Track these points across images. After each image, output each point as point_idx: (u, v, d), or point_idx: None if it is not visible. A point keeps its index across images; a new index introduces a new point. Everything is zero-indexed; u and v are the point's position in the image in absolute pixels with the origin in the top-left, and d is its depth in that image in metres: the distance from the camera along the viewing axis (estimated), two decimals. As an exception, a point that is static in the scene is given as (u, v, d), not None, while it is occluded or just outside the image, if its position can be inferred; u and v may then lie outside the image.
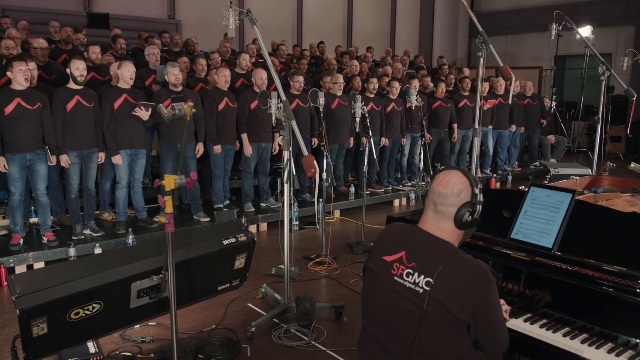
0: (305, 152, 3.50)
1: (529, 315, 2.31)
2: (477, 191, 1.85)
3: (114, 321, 2.96)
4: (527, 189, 2.65)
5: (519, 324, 2.26)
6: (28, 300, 2.51)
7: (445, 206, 1.85)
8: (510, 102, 7.86)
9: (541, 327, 2.22)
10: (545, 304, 2.30)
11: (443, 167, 8.48)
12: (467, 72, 9.99)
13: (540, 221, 2.45)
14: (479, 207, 1.85)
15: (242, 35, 11.89)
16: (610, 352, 2.02)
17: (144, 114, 5.24)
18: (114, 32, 8.06)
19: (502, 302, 2.20)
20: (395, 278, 1.87)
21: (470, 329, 1.79)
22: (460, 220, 1.83)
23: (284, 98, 3.70)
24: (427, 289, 1.78)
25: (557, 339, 2.13)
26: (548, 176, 5.24)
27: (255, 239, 3.41)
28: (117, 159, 5.25)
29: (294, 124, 3.61)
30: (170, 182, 2.39)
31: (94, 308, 2.77)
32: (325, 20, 13.93)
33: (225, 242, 3.21)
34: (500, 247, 2.54)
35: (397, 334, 1.87)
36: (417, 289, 1.81)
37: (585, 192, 3.39)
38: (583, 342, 2.09)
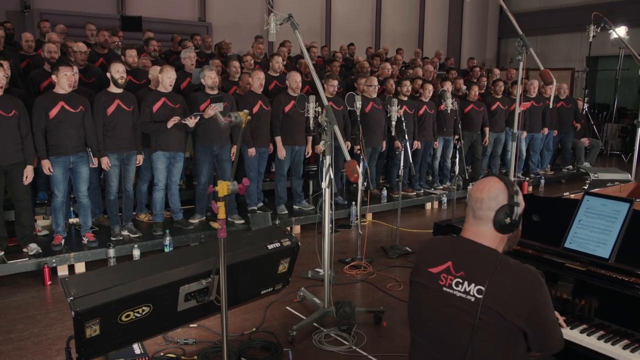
0: (348, 157, 3.48)
1: (585, 326, 2.28)
2: (514, 193, 1.85)
3: (162, 323, 3.01)
4: (571, 196, 2.62)
5: (575, 335, 2.24)
6: (83, 302, 2.57)
7: (482, 210, 1.86)
8: (550, 105, 7.76)
9: (598, 338, 2.19)
10: (601, 315, 2.27)
11: (470, 170, 8.42)
12: (497, 73, 9.86)
13: (595, 230, 2.41)
14: (517, 209, 1.84)
15: (271, 37, 11.94)
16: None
17: (192, 122, 5.31)
18: (147, 34, 8.13)
19: (556, 313, 2.17)
20: (444, 289, 1.87)
21: (527, 334, 1.78)
22: (499, 222, 1.84)
23: (325, 102, 3.68)
24: (479, 296, 1.78)
25: (617, 352, 2.10)
26: (587, 181, 5.14)
27: (299, 243, 3.43)
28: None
29: (336, 128, 3.60)
30: (223, 188, 2.41)
31: (143, 310, 2.82)
32: (354, 21, 13.91)
33: (270, 247, 3.23)
34: (552, 256, 2.51)
35: (449, 345, 1.87)
36: (469, 297, 1.81)
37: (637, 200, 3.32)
38: (644, 355, 2.06)
